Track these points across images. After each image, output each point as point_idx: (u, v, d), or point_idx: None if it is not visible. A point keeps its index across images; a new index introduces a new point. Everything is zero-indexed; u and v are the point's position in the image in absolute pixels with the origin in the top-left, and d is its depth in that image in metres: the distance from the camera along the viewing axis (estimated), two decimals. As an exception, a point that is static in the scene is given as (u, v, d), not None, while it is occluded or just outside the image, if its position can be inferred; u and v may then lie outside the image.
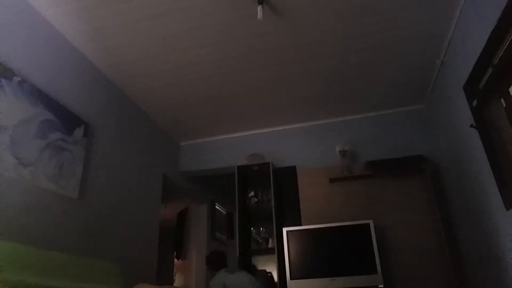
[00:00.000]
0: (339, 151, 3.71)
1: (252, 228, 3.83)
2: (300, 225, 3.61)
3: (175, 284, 5.38)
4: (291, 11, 2.50)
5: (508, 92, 2.09)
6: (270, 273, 3.58)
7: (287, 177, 3.93)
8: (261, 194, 3.89)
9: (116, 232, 3.00)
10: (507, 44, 1.87)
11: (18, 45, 2.23)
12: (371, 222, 3.21)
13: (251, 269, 3.66)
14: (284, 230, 3.39)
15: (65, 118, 2.51)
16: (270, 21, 2.56)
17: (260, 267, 3.70)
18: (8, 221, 1.95)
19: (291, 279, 3.18)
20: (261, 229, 3.79)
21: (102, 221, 2.83)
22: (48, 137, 2.33)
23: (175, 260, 5.39)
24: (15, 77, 2.12)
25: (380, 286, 2.99)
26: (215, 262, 3.01)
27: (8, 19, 2.19)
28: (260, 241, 3.75)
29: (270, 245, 3.67)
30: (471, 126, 2.48)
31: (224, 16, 2.52)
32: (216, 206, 5.47)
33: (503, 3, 1.84)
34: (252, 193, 3.88)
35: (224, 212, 5.81)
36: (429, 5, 2.49)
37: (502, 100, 2.15)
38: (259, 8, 2.33)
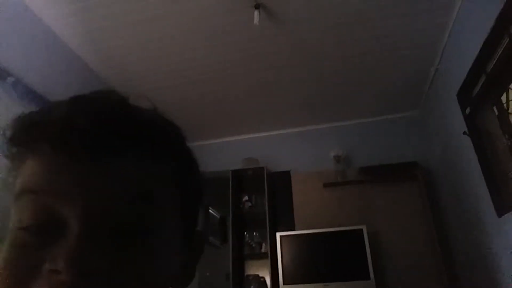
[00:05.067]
0: (333, 156, 3.72)
1: (245, 233, 3.81)
2: (294, 230, 3.60)
3: None
4: (287, 17, 2.51)
5: (501, 100, 2.11)
6: (263, 278, 3.56)
7: (281, 182, 3.92)
8: (255, 199, 3.88)
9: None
10: (500, 52, 1.90)
11: (12, 45, 2.22)
12: (364, 227, 3.21)
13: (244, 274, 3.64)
14: (278, 234, 3.38)
15: (58, 120, 2.49)
16: (266, 26, 2.57)
17: (253, 272, 3.68)
18: (3, 224, 1.92)
19: (284, 284, 3.17)
20: (254, 233, 3.77)
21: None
22: (41, 138, 2.31)
23: (168, 264, 5.36)
24: (9, 78, 2.10)
25: (372, 292, 2.99)
26: None
27: (3, 20, 2.17)
28: (254, 245, 3.73)
29: (263, 250, 3.65)
30: (464, 133, 2.51)
31: (221, 20, 2.53)
32: (210, 210, 5.44)
33: (496, 12, 1.87)
34: (246, 198, 3.87)
35: (218, 216, 5.78)
36: (423, 13, 2.52)
37: (495, 108, 2.18)
38: (256, 13, 2.34)
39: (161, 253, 0.35)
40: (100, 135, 0.33)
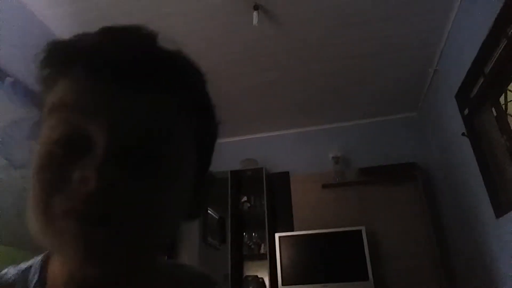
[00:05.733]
0: (332, 157, 3.73)
1: (244, 233, 3.81)
2: (293, 230, 3.60)
3: (166, 289, 5.32)
4: (285, 18, 2.51)
5: (499, 101, 2.12)
6: (262, 278, 3.56)
7: (280, 183, 3.93)
8: (254, 199, 3.88)
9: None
10: (498, 54, 1.91)
11: (12, 46, 2.21)
12: (363, 228, 3.21)
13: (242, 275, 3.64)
14: (277, 235, 3.38)
15: (57, 120, 2.49)
16: (265, 27, 2.58)
17: (252, 272, 3.68)
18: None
19: (282, 285, 3.17)
20: (253, 234, 3.77)
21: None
22: (40, 139, 2.30)
23: (166, 264, 5.34)
24: (7, 78, 2.10)
25: (371, 292, 3.00)
26: None
27: (2, 20, 2.17)
28: (252, 246, 3.73)
29: (262, 251, 3.65)
30: (463, 134, 2.51)
31: (219, 21, 2.53)
32: (208, 211, 5.44)
33: (495, 14, 1.87)
34: (245, 198, 3.87)
35: (216, 217, 5.78)
36: (422, 14, 2.53)
37: (493, 109, 2.18)
38: (255, 14, 2.34)
39: (175, 182, 0.38)
40: (130, 63, 0.36)
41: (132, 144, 0.35)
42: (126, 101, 0.36)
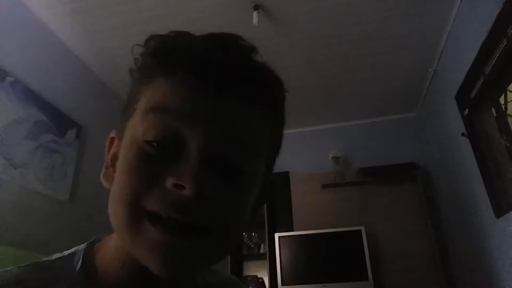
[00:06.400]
0: (332, 157, 3.73)
1: (244, 233, 3.81)
2: (292, 230, 3.60)
3: None
4: (285, 18, 2.51)
5: (499, 102, 2.12)
6: (262, 278, 3.56)
7: (280, 183, 3.92)
8: (253, 199, 3.88)
9: (107, 235, 2.97)
10: (498, 54, 1.91)
11: (11, 45, 2.22)
12: (362, 228, 3.21)
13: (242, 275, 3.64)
14: (276, 235, 3.38)
15: (57, 120, 2.49)
16: (265, 27, 2.58)
17: (252, 272, 3.68)
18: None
19: (282, 285, 3.17)
20: (253, 234, 3.78)
21: (93, 224, 2.80)
22: (39, 138, 2.31)
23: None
24: (7, 78, 2.10)
25: (371, 292, 3.00)
26: None
27: (2, 19, 2.17)
28: (252, 246, 3.73)
29: (262, 251, 3.65)
30: (463, 134, 2.51)
31: (219, 22, 2.53)
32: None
33: (495, 14, 1.87)
34: (244, 198, 3.87)
35: (216, 217, 5.79)
36: (422, 15, 2.53)
37: (493, 110, 2.18)
38: (255, 14, 2.34)
39: (251, 196, 0.40)
40: (230, 73, 0.37)
41: (222, 153, 0.36)
42: (223, 111, 0.37)
